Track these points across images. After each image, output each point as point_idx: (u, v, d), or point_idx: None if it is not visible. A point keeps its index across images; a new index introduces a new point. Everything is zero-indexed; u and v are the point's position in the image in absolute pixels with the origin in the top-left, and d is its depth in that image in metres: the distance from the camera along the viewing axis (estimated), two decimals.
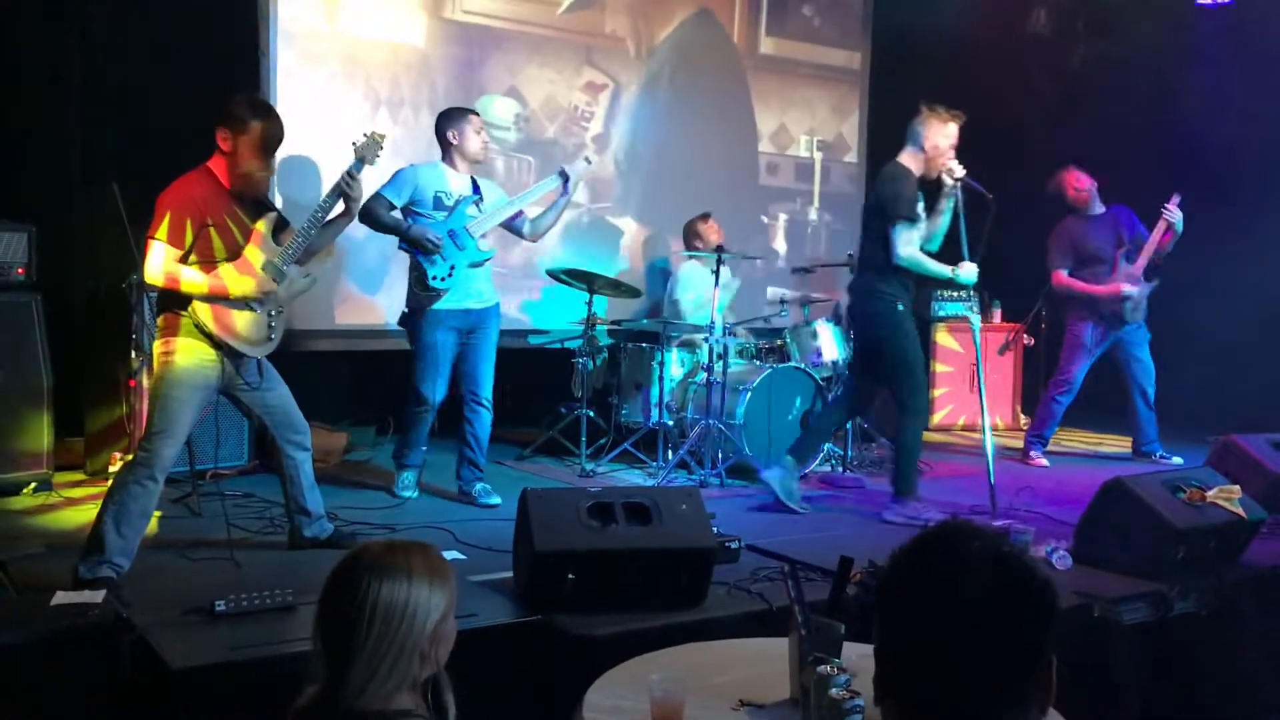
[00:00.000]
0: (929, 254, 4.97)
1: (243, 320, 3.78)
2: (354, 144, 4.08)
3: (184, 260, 3.69)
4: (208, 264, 3.74)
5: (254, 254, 3.81)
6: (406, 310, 5.14)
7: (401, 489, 5.11)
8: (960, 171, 4.90)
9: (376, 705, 1.73)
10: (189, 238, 3.69)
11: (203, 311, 3.71)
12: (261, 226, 3.84)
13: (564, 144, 7.05)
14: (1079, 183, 6.45)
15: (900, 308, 4.90)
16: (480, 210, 5.10)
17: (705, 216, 6.67)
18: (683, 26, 7.53)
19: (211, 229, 3.73)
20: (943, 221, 5.03)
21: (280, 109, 4.15)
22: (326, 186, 5.74)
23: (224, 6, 5.95)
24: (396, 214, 4.99)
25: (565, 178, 5.17)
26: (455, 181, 5.08)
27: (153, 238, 3.66)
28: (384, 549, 1.83)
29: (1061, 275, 6.40)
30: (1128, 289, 6.21)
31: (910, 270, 4.89)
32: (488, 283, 5.16)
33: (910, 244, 4.84)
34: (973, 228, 5.02)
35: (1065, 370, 6.41)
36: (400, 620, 1.74)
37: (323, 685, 1.77)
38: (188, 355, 3.71)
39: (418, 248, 4.96)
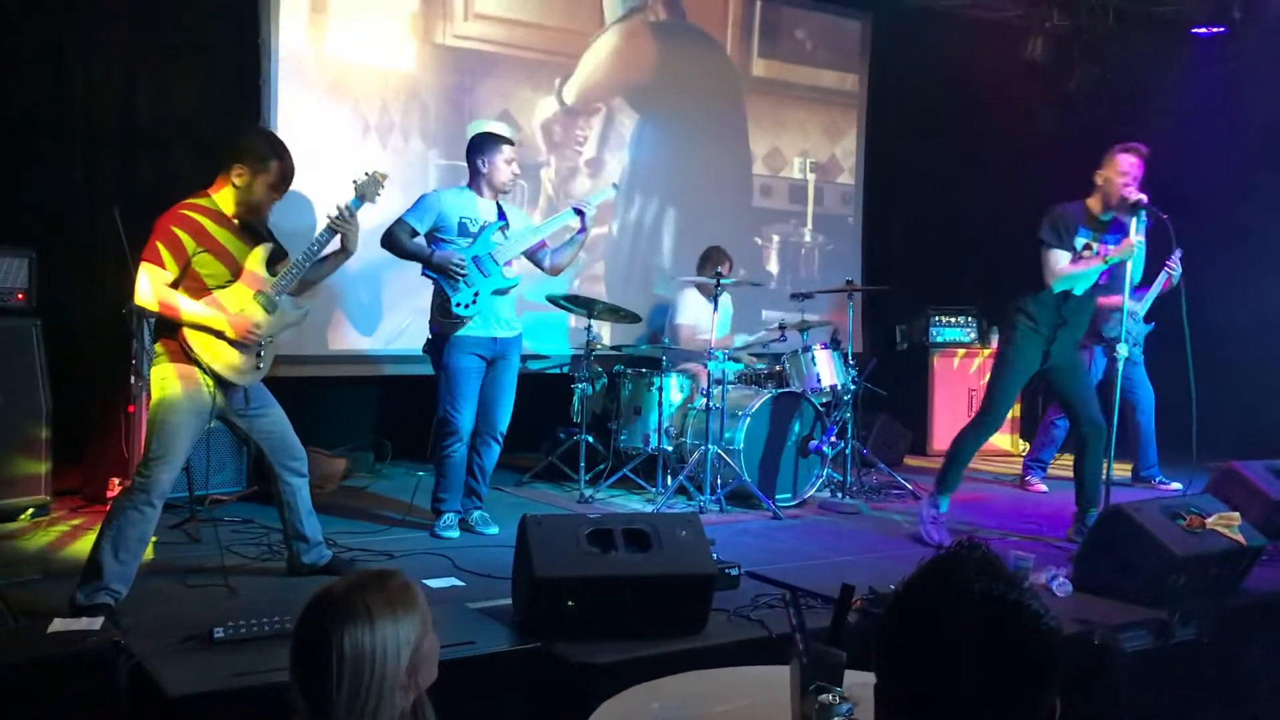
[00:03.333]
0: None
1: (230, 350, 3.75)
2: (354, 181, 4.02)
3: (176, 285, 3.68)
4: (200, 290, 3.72)
5: (247, 283, 3.78)
6: (430, 337, 5.01)
7: (443, 529, 4.90)
8: (1137, 197, 4.87)
9: None
10: (184, 260, 3.68)
11: (192, 338, 3.69)
12: (257, 255, 3.82)
13: (558, 168, 7.05)
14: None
15: (1022, 328, 4.99)
16: (506, 237, 5.00)
17: (723, 253, 6.57)
18: (676, 49, 7.56)
19: (206, 255, 3.71)
20: (1137, 245, 4.98)
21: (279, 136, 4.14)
22: (316, 214, 5.78)
23: (226, 35, 5.99)
24: (419, 240, 4.89)
25: (580, 213, 5.08)
26: (481, 208, 4.97)
27: (145, 261, 3.66)
28: (341, 594, 1.76)
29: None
30: (1134, 306, 6.25)
31: (1068, 293, 4.94)
32: (512, 311, 5.07)
33: (1052, 267, 4.90)
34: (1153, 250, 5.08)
35: None
36: (372, 667, 1.70)
37: None
38: (183, 381, 3.69)
39: (441, 274, 4.85)
